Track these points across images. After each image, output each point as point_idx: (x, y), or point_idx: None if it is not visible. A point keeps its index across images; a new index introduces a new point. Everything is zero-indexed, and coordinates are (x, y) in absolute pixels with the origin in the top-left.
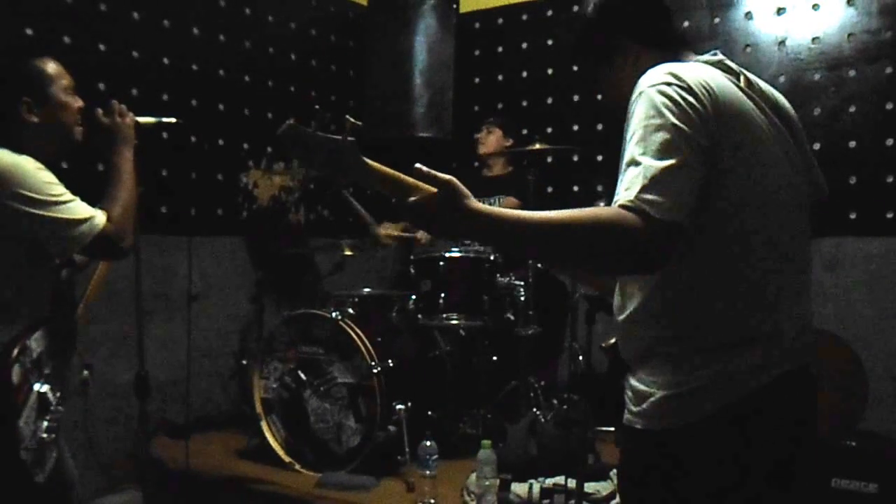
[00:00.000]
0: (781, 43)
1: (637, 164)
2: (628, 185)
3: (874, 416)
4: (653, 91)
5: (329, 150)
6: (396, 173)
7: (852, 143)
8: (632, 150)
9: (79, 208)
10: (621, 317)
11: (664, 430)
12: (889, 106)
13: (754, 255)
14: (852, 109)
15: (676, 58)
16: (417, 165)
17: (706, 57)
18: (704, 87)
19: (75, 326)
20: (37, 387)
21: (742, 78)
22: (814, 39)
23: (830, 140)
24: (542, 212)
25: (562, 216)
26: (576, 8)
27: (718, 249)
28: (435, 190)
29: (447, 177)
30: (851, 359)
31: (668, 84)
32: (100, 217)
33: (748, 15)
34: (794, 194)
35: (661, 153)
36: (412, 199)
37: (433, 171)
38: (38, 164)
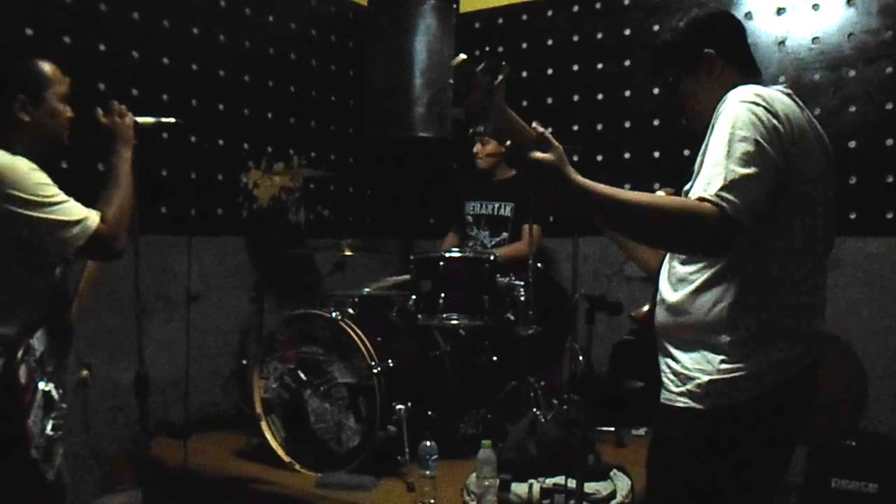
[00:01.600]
0: (781, 43)
1: (719, 165)
2: (709, 181)
3: (874, 416)
4: (743, 107)
5: (487, 91)
6: (524, 123)
7: (852, 143)
8: (717, 152)
9: (72, 209)
10: (672, 297)
11: (708, 409)
12: (889, 106)
13: (800, 263)
14: (852, 109)
15: (754, 79)
16: (535, 124)
17: (780, 87)
18: (787, 115)
19: (70, 323)
20: (42, 385)
21: (806, 112)
22: (814, 39)
23: (830, 140)
24: (632, 192)
25: (652, 198)
26: (576, 8)
27: (774, 256)
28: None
29: (559, 146)
30: (851, 359)
31: (757, 104)
32: (93, 218)
33: (748, 15)
34: (827, 218)
35: (743, 162)
36: (533, 154)
37: (549, 136)
38: (32, 165)
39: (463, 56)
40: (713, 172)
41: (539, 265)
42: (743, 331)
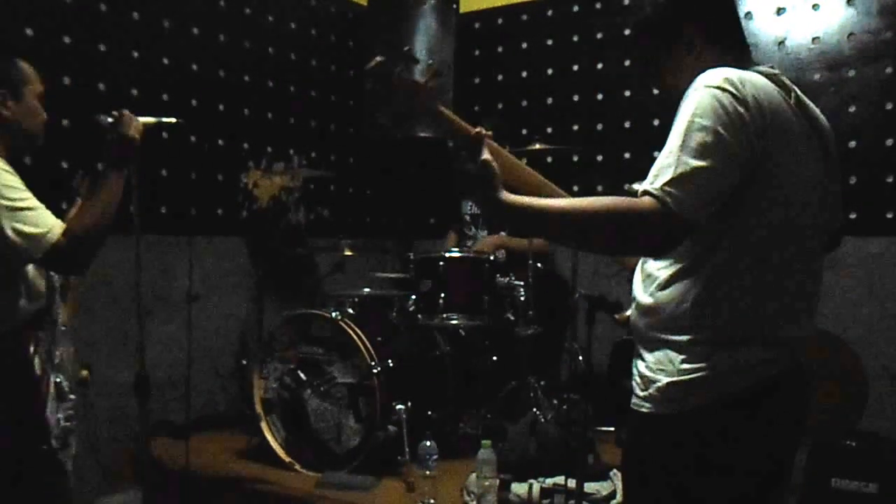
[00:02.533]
0: (781, 43)
1: (671, 155)
2: (657, 173)
3: (874, 416)
4: (707, 92)
5: (411, 91)
6: (464, 123)
7: (852, 143)
8: (672, 140)
9: (36, 218)
10: (640, 295)
11: (668, 415)
12: (889, 106)
13: (774, 263)
14: (852, 109)
15: (737, 62)
16: (480, 129)
17: (764, 69)
18: (758, 101)
19: (59, 315)
20: (53, 377)
21: (793, 96)
22: (814, 39)
23: None
24: (562, 199)
25: (586, 201)
26: (576, 8)
27: (744, 252)
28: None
29: (488, 157)
30: (851, 359)
31: (724, 90)
32: (54, 231)
33: (748, 15)
34: (817, 216)
35: (698, 153)
36: (469, 165)
37: (485, 141)
38: (6, 167)
39: (378, 58)
40: (664, 164)
41: (539, 265)
42: (705, 331)
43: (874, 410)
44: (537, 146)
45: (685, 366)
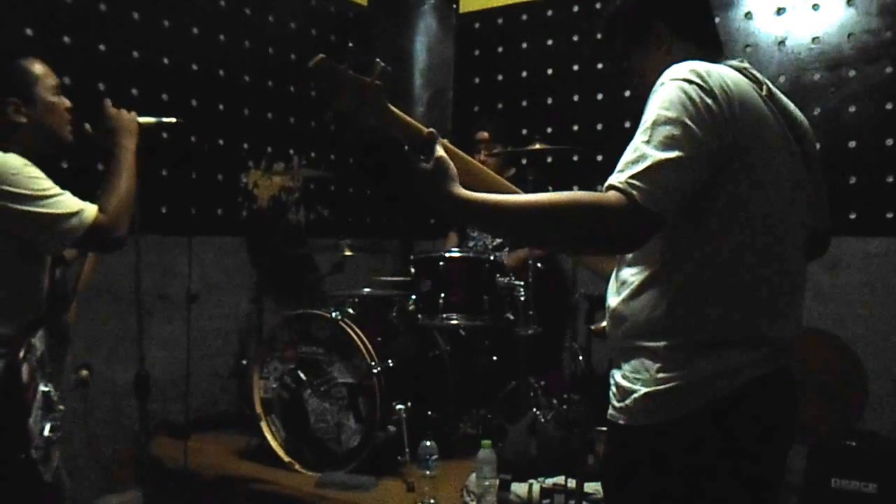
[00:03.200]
0: (781, 43)
1: (636, 150)
2: (622, 168)
3: (874, 416)
4: (674, 85)
5: (356, 90)
6: (416, 123)
7: (852, 143)
8: (638, 135)
9: (68, 202)
10: (614, 302)
11: (646, 427)
12: (889, 106)
13: (751, 262)
14: (852, 109)
15: (707, 57)
16: (430, 131)
17: (734, 62)
18: (725, 91)
19: (68, 325)
20: (41, 386)
21: (765, 88)
22: (814, 39)
23: (830, 140)
24: (523, 195)
25: (547, 196)
26: (576, 8)
27: (718, 251)
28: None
29: (442, 154)
30: (851, 359)
31: (690, 82)
32: (90, 209)
33: (748, 15)
34: (796, 211)
35: (664, 146)
36: (422, 164)
37: (436, 140)
38: (25, 161)
39: (321, 55)
40: (629, 158)
41: (539, 265)
42: (680, 336)
43: (874, 410)
44: (537, 146)
45: (662, 374)
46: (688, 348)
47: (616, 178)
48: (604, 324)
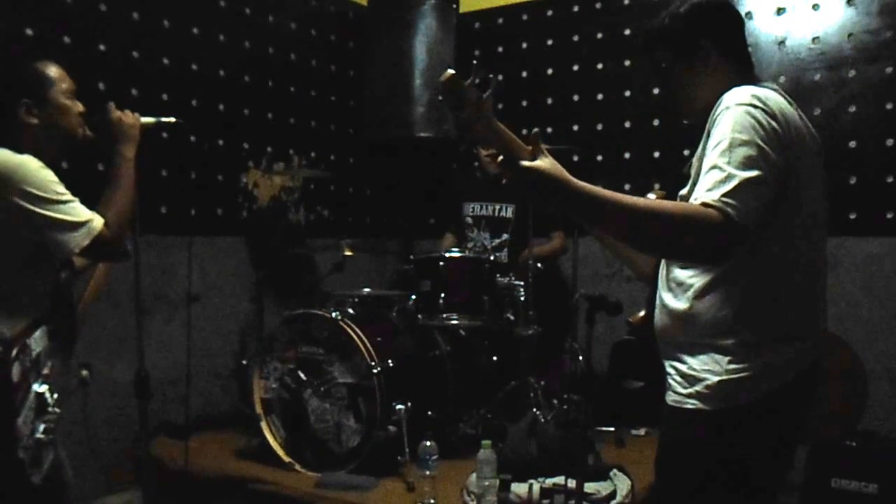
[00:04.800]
0: (781, 43)
1: (721, 170)
2: (711, 187)
3: (874, 416)
4: (741, 109)
5: (476, 104)
6: (518, 140)
7: (852, 143)
8: (716, 158)
9: (79, 210)
10: (673, 302)
11: (718, 411)
12: (889, 106)
13: (802, 265)
14: (852, 109)
15: (750, 78)
16: (536, 131)
17: (770, 84)
18: (783, 114)
19: (74, 328)
20: (35, 387)
21: (797, 110)
22: (814, 39)
23: (830, 140)
24: (631, 196)
25: (652, 202)
26: (576, 8)
27: (778, 256)
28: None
29: (546, 155)
30: (851, 359)
31: (755, 106)
32: (97, 220)
33: (748, 15)
34: (823, 217)
35: (745, 166)
36: (524, 162)
37: (542, 145)
38: (41, 164)
39: (451, 71)
40: (716, 178)
41: (539, 265)
42: (747, 333)
43: (874, 410)
44: None
45: (732, 366)
46: (754, 344)
47: (709, 197)
48: (642, 314)
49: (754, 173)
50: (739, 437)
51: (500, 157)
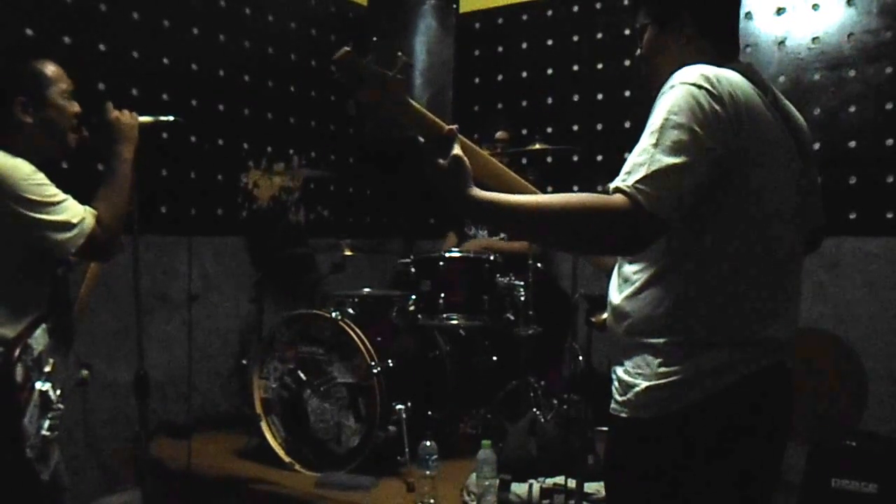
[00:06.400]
0: (781, 43)
1: (644, 153)
2: (630, 170)
3: (874, 416)
4: (683, 89)
5: (379, 83)
6: (435, 119)
7: (852, 143)
8: (646, 138)
9: (71, 210)
10: (616, 298)
11: (648, 419)
12: (889, 106)
13: (749, 266)
14: (852, 109)
15: (721, 58)
16: (452, 127)
17: (743, 66)
18: (734, 98)
19: (72, 324)
20: (38, 385)
21: (769, 94)
22: (814, 39)
23: (830, 140)
24: (535, 195)
25: (557, 198)
26: (576, 8)
27: (719, 254)
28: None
29: (459, 153)
30: (851, 359)
31: (700, 87)
32: (89, 220)
33: (748, 15)
34: (794, 214)
35: (672, 151)
36: (440, 161)
37: (454, 136)
38: (33, 168)
39: (346, 49)
40: (637, 161)
41: (539, 265)
42: (682, 333)
43: (874, 410)
44: (537, 146)
45: (662, 369)
46: (687, 345)
47: (623, 182)
48: (604, 315)
49: (679, 160)
50: (672, 448)
51: (423, 142)
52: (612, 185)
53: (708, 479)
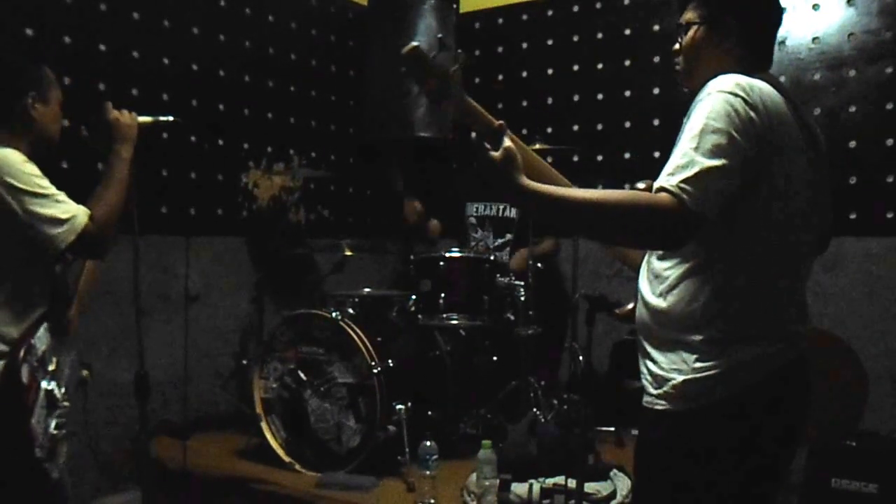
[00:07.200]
0: (782, 43)
1: (686, 155)
2: (672, 171)
3: (874, 416)
4: (721, 97)
5: (440, 77)
6: (487, 114)
7: (852, 143)
8: (686, 142)
9: (63, 205)
10: (648, 294)
11: (684, 411)
12: (889, 106)
13: (776, 262)
14: (852, 109)
15: (755, 67)
16: (501, 122)
17: (772, 78)
18: (765, 106)
19: (69, 322)
20: (44, 384)
21: (791, 103)
22: (814, 39)
23: (830, 140)
24: (584, 190)
25: (604, 193)
26: (576, 8)
27: (749, 252)
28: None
29: (510, 144)
30: (851, 359)
31: (736, 95)
32: (82, 216)
33: None
34: (809, 219)
35: (712, 154)
36: (492, 153)
37: (504, 132)
38: (24, 157)
39: (414, 43)
40: (679, 163)
41: (539, 265)
42: (716, 329)
43: (874, 410)
44: (537, 146)
45: (698, 364)
46: (722, 341)
47: (667, 181)
48: (630, 306)
49: (719, 162)
50: (711, 438)
51: (474, 136)
52: (655, 185)
53: (740, 468)
